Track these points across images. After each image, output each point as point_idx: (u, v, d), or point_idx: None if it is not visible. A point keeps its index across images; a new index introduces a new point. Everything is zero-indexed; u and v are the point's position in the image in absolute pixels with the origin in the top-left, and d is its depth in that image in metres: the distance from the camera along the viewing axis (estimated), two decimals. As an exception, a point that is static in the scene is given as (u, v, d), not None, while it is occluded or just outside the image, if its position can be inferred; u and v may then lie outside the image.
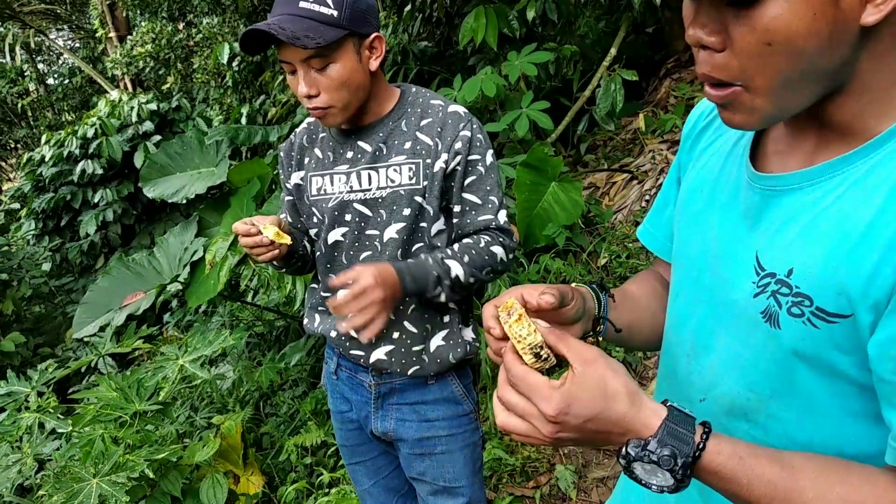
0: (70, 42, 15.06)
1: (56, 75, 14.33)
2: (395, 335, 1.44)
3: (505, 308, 0.73)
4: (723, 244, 0.79)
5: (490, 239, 1.36)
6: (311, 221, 1.49)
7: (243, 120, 5.29)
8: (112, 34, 9.66)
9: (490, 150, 1.40)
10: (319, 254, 1.49)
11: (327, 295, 1.52)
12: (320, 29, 1.22)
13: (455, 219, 1.39)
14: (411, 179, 1.36)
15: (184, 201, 5.12)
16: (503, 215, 1.39)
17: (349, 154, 1.41)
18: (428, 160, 1.36)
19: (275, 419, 3.23)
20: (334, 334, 1.48)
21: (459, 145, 1.35)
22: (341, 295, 1.19)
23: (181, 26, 8.19)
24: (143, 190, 5.24)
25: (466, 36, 3.65)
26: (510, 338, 0.71)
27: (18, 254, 6.26)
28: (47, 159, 5.91)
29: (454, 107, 1.39)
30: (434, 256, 1.32)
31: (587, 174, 4.10)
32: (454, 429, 1.51)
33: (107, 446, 2.04)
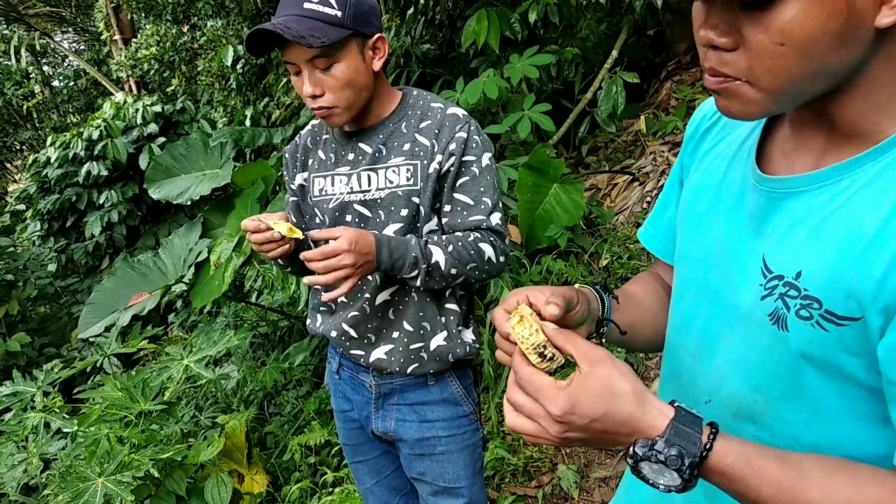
0: (75, 44, 15.11)
1: (61, 77, 14.38)
2: (395, 335, 1.45)
3: (516, 312, 0.74)
4: (728, 246, 0.78)
5: (480, 236, 1.36)
6: (313, 222, 1.50)
7: (247, 122, 5.31)
8: (117, 37, 9.69)
9: (487, 153, 1.40)
10: None
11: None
12: (325, 29, 1.24)
13: (445, 218, 1.39)
14: (409, 180, 1.37)
15: (188, 203, 5.15)
16: (496, 217, 1.39)
17: (350, 156, 1.43)
18: (425, 161, 1.37)
19: (279, 419, 3.25)
20: (335, 334, 1.49)
21: (454, 146, 1.36)
22: (313, 251, 1.21)
23: (185, 29, 8.22)
24: (148, 191, 5.26)
25: (469, 38, 3.67)
26: (515, 339, 0.72)
27: (24, 255, 6.30)
28: (53, 161, 5.95)
29: (453, 109, 1.40)
30: (418, 239, 1.32)
31: (589, 176, 4.11)
32: (454, 429, 1.52)
33: (112, 446, 2.06)
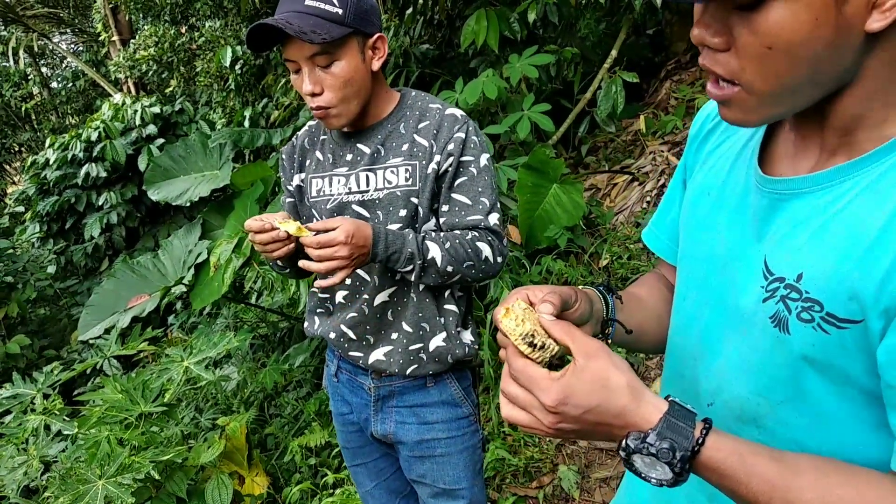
0: (73, 46, 15.11)
1: (59, 79, 14.37)
2: (394, 336, 1.45)
3: (503, 305, 0.75)
4: (730, 247, 0.78)
5: (478, 235, 1.36)
6: (311, 223, 1.50)
7: (246, 123, 5.31)
8: (115, 38, 9.69)
9: (485, 154, 1.40)
10: None
11: (325, 296, 1.53)
12: (326, 26, 1.24)
13: (443, 218, 1.39)
14: (408, 181, 1.37)
15: (188, 204, 5.15)
16: (494, 218, 1.39)
17: (348, 156, 1.43)
18: (423, 162, 1.37)
19: (279, 420, 3.25)
20: (334, 336, 1.49)
21: (452, 146, 1.36)
22: (311, 238, 1.21)
23: (184, 30, 8.21)
24: (147, 193, 5.26)
25: (468, 38, 3.67)
26: (505, 333, 0.72)
27: (23, 256, 6.29)
28: (51, 162, 5.95)
29: (451, 110, 1.41)
30: (416, 235, 1.32)
31: (588, 176, 4.11)
32: (453, 431, 1.51)
33: (112, 448, 2.05)
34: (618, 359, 0.69)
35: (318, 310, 1.56)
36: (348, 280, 1.45)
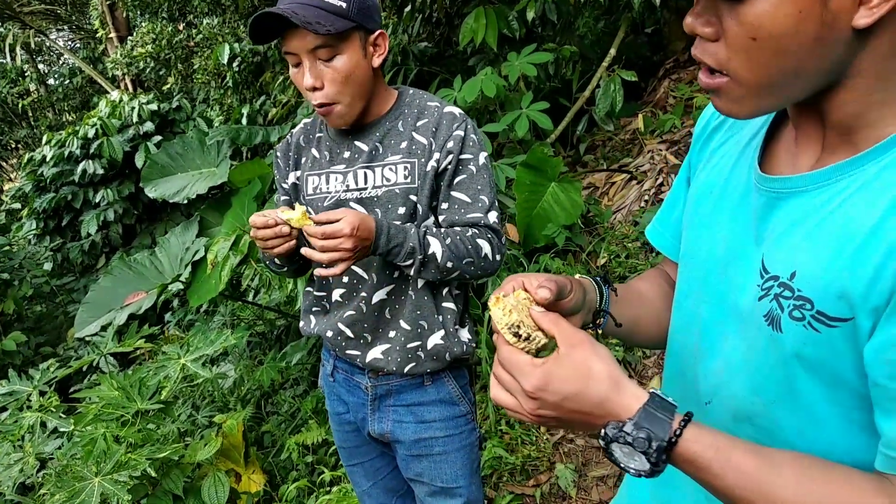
0: (70, 42, 15.06)
1: (56, 76, 14.33)
2: (392, 334, 1.44)
3: (494, 294, 0.77)
4: (731, 246, 0.78)
5: (478, 232, 1.36)
6: (314, 215, 1.49)
7: (244, 120, 5.30)
8: (112, 35, 9.67)
9: (484, 153, 1.40)
10: None
11: (321, 295, 1.52)
12: (330, 18, 1.24)
13: (442, 215, 1.39)
14: (406, 178, 1.37)
15: (185, 201, 5.13)
16: (493, 216, 1.39)
17: (346, 154, 1.42)
18: (422, 160, 1.37)
19: (276, 418, 3.25)
20: (331, 334, 1.48)
21: (451, 144, 1.36)
22: (315, 228, 1.21)
23: (181, 27, 8.20)
24: (145, 190, 5.25)
25: (466, 36, 3.66)
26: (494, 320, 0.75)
27: (20, 253, 6.27)
28: (48, 159, 5.93)
29: (450, 108, 1.40)
30: (418, 230, 1.32)
31: (586, 174, 4.11)
32: (451, 430, 1.51)
33: (108, 445, 2.05)
34: (601, 349, 0.70)
35: (314, 308, 1.55)
36: (345, 278, 1.44)
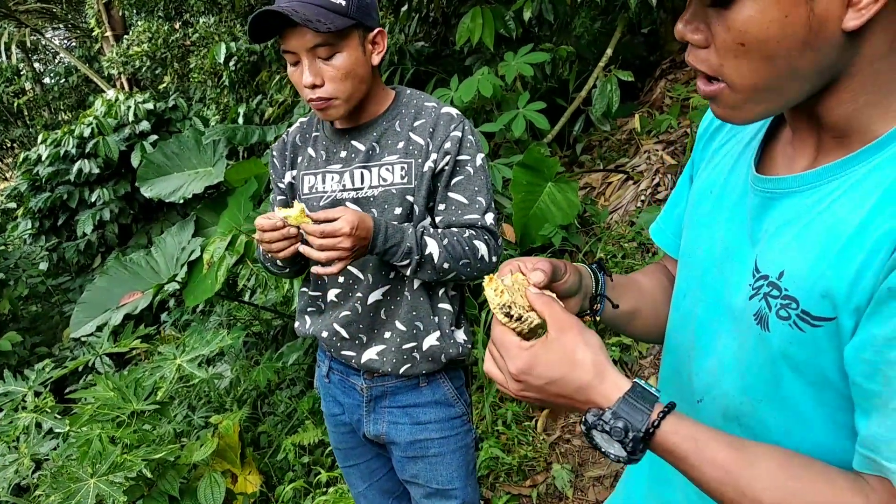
0: (66, 41, 15.02)
1: (52, 74, 14.29)
2: (387, 335, 1.44)
3: (489, 275, 0.81)
4: (728, 246, 0.79)
5: (474, 234, 1.36)
6: (312, 213, 1.49)
7: (240, 119, 5.29)
8: (108, 33, 9.64)
9: (481, 154, 1.40)
10: None
11: (316, 295, 1.52)
12: (330, 16, 1.23)
13: (438, 216, 1.39)
14: (403, 178, 1.37)
15: (181, 201, 5.12)
16: (490, 217, 1.39)
17: (343, 153, 1.42)
18: (419, 160, 1.37)
19: (272, 418, 3.24)
20: (326, 335, 1.48)
21: (449, 145, 1.35)
22: (314, 226, 1.21)
23: (178, 25, 8.18)
24: (141, 189, 5.23)
25: (463, 36, 3.66)
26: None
27: (15, 253, 6.26)
28: (44, 158, 5.91)
29: (447, 108, 1.40)
30: (415, 230, 1.31)
31: (583, 174, 4.11)
32: (446, 431, 1.51)
33: (104, 446, 2.04)
34: (590, 337, 0.71)
35: (309, 308, 1.55)
36: (341, 278, 1.44)
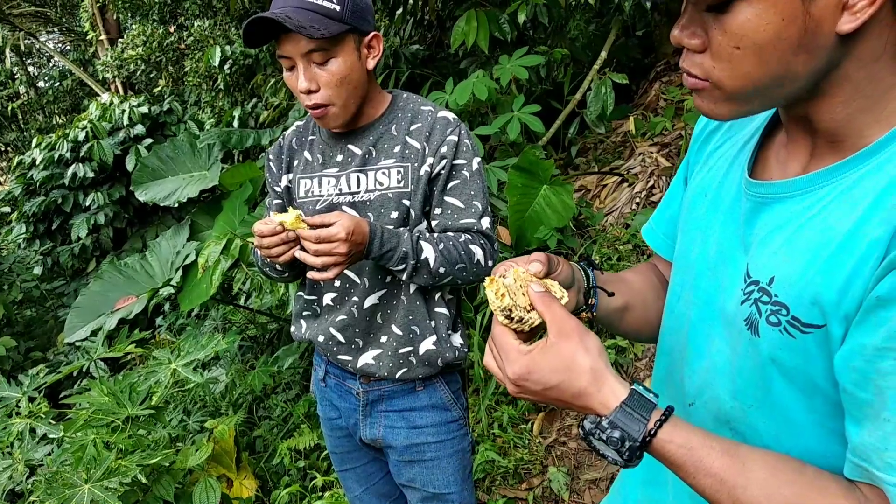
0: (60, 45, 14.98)
1: (46, 78, 14.26)
2: (384, 339, 1.44)
3: (491, 275, 0.80)
4: (721, 250, 0.79)
5: (471, 238, 1.36)
6: (308, 217, 1.49)
7: (235, 123, 5.28)
8: (103, 37, 9.62)
9: (477, 158, 1.40)
10: None
11: (312, 299, 1.52)
12: (324, 22, 1.24)
13: (435, 220, 1.39)
14: (399, 182, 1.37)
15: (176, 205, 5.11)
16: (486, 221, 1.39)
17: (339, 157, 1.42)
18: (416, 164, 1.37)
19: (268, 422, 3.24)
20: (322, 339, 1.48)
21: (445, 149, 1.36)
22: (310, 231, 1.20)
23: (172, 29, 8.17)
24: (135, 193, 5.22)
25: (458, 39, 3.66)
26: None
27: (9, 257, 6.24)
28: (38, 163, 5.89)
29: (443, 112, 1.41)
30: (411, 234, 1.31)
31: (578, 177, 4.12)
32: (443, 435, 1.51)
33: (99, 451, 2.03)
34: (591, 341, 0.71)
35: (305, 312, 1.54)
36: (337, 282, 1.44)
